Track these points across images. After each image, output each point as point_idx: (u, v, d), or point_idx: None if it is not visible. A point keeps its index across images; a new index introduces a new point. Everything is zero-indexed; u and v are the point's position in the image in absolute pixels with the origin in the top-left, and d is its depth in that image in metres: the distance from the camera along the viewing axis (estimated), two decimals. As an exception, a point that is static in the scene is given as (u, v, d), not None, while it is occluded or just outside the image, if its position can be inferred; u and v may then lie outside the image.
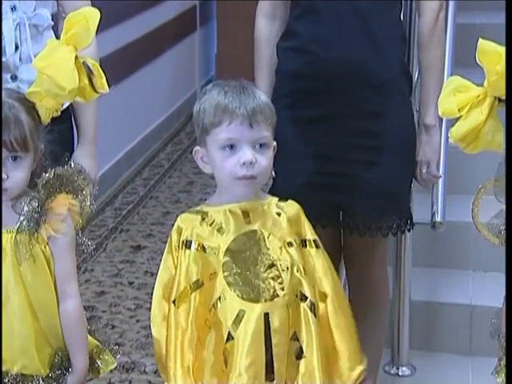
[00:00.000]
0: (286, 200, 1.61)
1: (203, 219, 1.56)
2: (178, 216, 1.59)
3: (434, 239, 2.69)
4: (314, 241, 1.60)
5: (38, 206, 1.51)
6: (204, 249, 1.54)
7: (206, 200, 1.64)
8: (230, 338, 1.50)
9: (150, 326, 2.76)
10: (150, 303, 3.03)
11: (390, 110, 1.92)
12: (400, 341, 2.52)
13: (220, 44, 5.47)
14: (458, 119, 1.48)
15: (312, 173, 1.91)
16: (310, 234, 1.60)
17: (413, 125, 1.99)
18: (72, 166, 1.58)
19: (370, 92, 1.89)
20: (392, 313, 2.42)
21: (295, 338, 1.54)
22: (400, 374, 2.54)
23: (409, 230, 2.03)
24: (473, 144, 1.47)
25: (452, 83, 1.48)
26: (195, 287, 1.53)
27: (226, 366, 1.51)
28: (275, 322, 1.51)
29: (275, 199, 1.61)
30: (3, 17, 1.81)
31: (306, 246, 1.59)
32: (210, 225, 1.55)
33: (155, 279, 3.42)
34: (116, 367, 2.55)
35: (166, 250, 1.58)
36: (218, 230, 1.54)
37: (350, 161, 1.91)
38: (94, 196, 1.98)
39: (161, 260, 3.46)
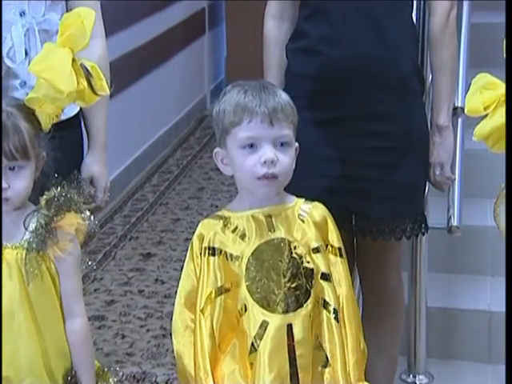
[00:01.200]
0: (312, 201, 1.61)
1: (225, 225, 1.56)
2: (199, 222, 1.59)
3: (450, 244, 2.68)
4: (338, 249, 1.60)
5: (46, 224, 1.51)
6: (226, 256, 1.55)
7: (220, 205, 1.63)
8: (252, 349, 1.52)
9: (161, 335, 2.81)
10: (161, 312, 3.07)
11: (402, 110, 1.92)
12: (417, 348, 2.51)
13: (229, 47, 5.49)
14: (480, 119, 1.49)
15: (324, 176, 1.92)
16: (336, 241, 1.60)
17: (426, 126, 2.00)
18: (79, 182, 1.58)
19: (381, 93, 1.90)
20: (408, 319, 2.42)
21: (320, 346, 1.55)
22: (417, 382, 2.53)
23: (423, 234, 2.04)
24: (498, 143, 1.48)
25: (480, 80, 1.48)
26: (219, 292, 1.53)
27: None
28: (298, 334, 1.52)
29: (300, 201, 1.61)
30: (12, 22, 1.83)
31: (330, 252, 1.59)
32: (233, 231, 1.55)
33: (165, 287, 3.44)
34: (126, 377, 2.58)
35: (187, 257, 1.58)
36: (241, 238, 1.55)
37: (362, 163, 1.92)
38: (105, 203, 1.99)
39: (171, 268, 3.46)
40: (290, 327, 1.52)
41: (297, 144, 1.58)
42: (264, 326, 1.51)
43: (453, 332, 2.61)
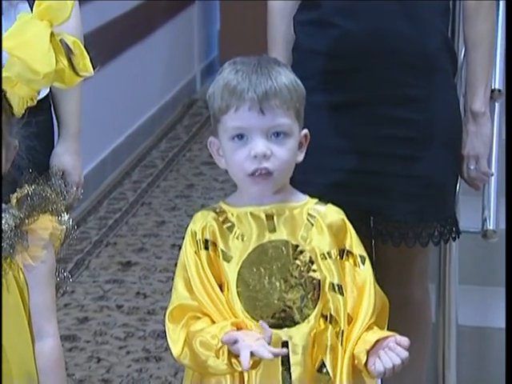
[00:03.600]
0: (327, 202, 1.62)
1: (220, 219, 1.57)
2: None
3: (485, 251, 2.69)
4: (360, 257, 1.61)
5: (15, 227, 1.51)
6: (218, 252, 1.56)
7: (221, 198, 1.64)
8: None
9: (143, 358, 2.81)
10: (143, 331, 3.07)
11: (430, 93, 1.93)
12: (446, 376, 2.52)
13: (223, 18, 5.49)
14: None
15: (336, 170, 1.93)
16: (355, 247, 1.61)
17: (458, 112, 2.01)
18: (55, 179, 1.58)
19: (406, 73, 1.91)
20: (435, 340, 2.42)
21: (324, 369, 1.56)
22: (446, 417, 2.54)
23: (454, 239, 2.05)
24: None
25: None
26: None
27: None
28: (295, 353, 1.53)
29: (312, 201, 1.62)
30: None
31: (348, 260, 1.60)
32: (228, 227, 1.57)
33: (149, 302, 3.44)
34: (104, 408, 2.58)
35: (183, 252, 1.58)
36: (237, 236, 1.56)
37: (381, 155, 1.93)
38: (78, 201, 1.99)
39: (155, 279, 3.45)
40: (286, 345, 1.53)
41: (306, 131, 1.59)
42: None
43: (489, 356, 2.61)
